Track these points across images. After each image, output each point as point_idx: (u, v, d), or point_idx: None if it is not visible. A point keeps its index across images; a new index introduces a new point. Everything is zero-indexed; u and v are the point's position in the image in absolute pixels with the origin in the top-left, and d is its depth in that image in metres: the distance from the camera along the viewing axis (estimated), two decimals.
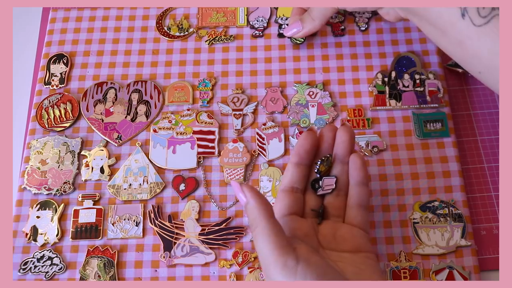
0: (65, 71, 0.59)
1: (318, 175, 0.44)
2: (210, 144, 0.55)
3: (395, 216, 0.51)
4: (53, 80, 0.59)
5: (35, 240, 0.51)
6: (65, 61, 0.60)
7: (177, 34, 0.61)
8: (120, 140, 0.55)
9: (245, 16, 0.61)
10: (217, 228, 0.51)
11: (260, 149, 0.54)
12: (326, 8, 0.53)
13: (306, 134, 0.44)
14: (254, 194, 0.38)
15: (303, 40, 0.59)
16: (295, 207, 0.43)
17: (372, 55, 0.59)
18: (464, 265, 0.49)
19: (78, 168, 0.54)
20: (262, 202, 0.38)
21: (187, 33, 0.61)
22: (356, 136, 0.54)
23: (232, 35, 0.60)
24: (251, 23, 0.61)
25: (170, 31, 0.61)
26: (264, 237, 0.37)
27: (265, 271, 0.37)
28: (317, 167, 0.44)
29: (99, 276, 0.49)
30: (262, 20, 0.61)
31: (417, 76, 0.57)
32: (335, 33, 0.60)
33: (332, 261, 0.39)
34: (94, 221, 0.52)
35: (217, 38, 0.60)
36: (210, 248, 0.50)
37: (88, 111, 0.57)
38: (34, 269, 0.50)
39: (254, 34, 0.60)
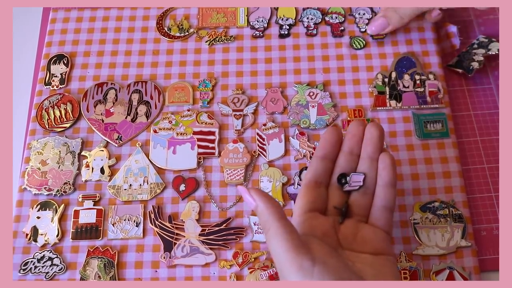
0: (66, 72, 0.59)
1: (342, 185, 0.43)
2: (211, 145, 0.55)
3: (396, 217, 0.51)
4: (53, 80, 0.59)
5: (35, 240, 0.51)
6: (65, 62, 0.60)
7: (178, 34, 0.61)
8: (120, 141, 0.55)
9: (246, 17, 0.61)
10: (217, 228, 0.51)
11: (261, 150, 0.54)
12: (418, 8, 0.55)
13: (331, 128, 0.45)
14: (262, 197, 0.38)
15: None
16: (318, 204, 0.42)
17: (372, 55, 0.59)
18: (465, 265, 0.49)
19: (79, 169, 0.54)
20: (272, 204, 0.38)
21: (187, 33, 0.61)
22: None
23: (232, 36, 0.60)
24: (251, 23, 0.61)
25: (170, 32, 0.61)
26: (278, 239, 0.36)
27: (281, 273, 0.36)
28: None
29: (99, 276, 0.49)
30: (262, 21, 0.61)
31: (417, 77, 0.57)
32: (334, 34, 0.60)
33: (351, 261, 0.39)
34: (95, 221, 0.52)
35: (217, 39, 0.60)
36: (210, 248, 0.50)
37: (88, 112, 0.57)
38: (34, 269, 0.50)
39: (254, 34, 0.60)
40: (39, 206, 0.52)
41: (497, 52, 0.58)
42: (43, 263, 0.50)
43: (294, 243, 0.36)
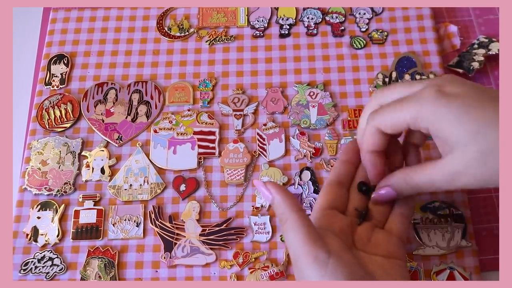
0: (66, 72, 0.59)
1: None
2: (211, 145, 0.55)
3: None
4: (53, 80, 0.59)
5: (35, 240, 0.51)
6: (65, 62, 0.60)
7: (178, 34, 0.61)
8: (120, 141, 0.55)
9: (246, 16, 0.61)
10: (217, 228, 0.51)
11: (261, 150, 0.54)
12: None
13: (353, 141, 0.45)
14: (278, 190, 0.38)
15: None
16: (338, 202, 0.43)
17: (372, 55, 0.59)
18: (465, 265, 0.49)
19: (79, 169, 0.54)
20: (288, 196, 0.38)
21: (187, 33, 0.61)
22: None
23: (232, 36, 0.60)
24: (251, 23, 0.61)
25: (170, 32, 0.61)
26: (295, 231, 0.36)
27: (296, 265, 0.36)
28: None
29: (99, 276, 0.49)
30: (262, 20, 0.61)
31: (417, 77, 0.57)
32: (335, 34, 0.60)
33: (363, 262, 0.39)
34: (95, 221, 0.52)
35: (217, 39, 0.60)
36: (211, 248, 0.50)
37: (88, 112, 0.57)
38: (34, 269, 0.50)
39: (254, 34, 0.60)
40: (39, 206, 0.52)
41: (497, 52, 0.58)
42: (43, 263, 0.50)
43: (310, 235, 0.36)
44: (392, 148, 0.43)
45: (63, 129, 0.56)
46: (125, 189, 0.53)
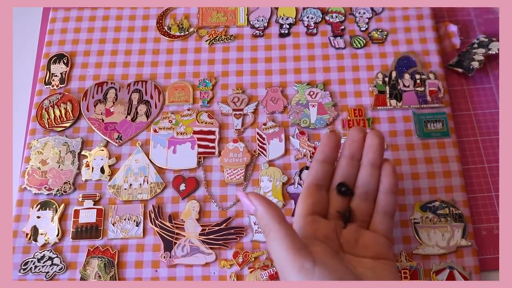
0: (66, 71, 0.59)
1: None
2: (211, 144, 0.55)
3: (396, 216, 0.51)
4: (53, 80, 0.59)
5: (35, 240, 0.51)
6: (65, 61, 0.60)
7: (178, 34, 0.61)
8: (120, 140, 0.55)
9: (246, 16, 0.61)
10: (217, 228, 0.51)
11: (261, 149, 0.54)
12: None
13: (329, 134, 0.45)
14: (261, 201, 0.38)
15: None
16: (319, 207, 0.43)
17: (372, 54, 0.59)
18: (465, 265, 0.49)
19: (79, 168, 0.54)
20: (271, 207, 0.38)
21: (187, 33, 0.61)
22: None
23: (232, 35, 0.60)
24: (251, 22, 0.61)
25: (170, 31, 0.61)
26: (278, 241, 0.36)
27: (282, 275, 0.36)
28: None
29: (99, 276, 0.49)
30: (262, 20, 0.61)
31: (417, 76, 0.57)
32: (335, 33, 0.60)
33: (352, 265, 0.39)
34: (95, 221, 0.52)
35: (217, 38, 0.60)
36: (211, 248, 0.50)
37: (88, 111, 0.57)
38: (34, 269, 0.50)
39: (254, 33, 0.60)
40: (39, 206, 0.52)
41: (497, 52, 0.58)
42: (43, 263, 0.50)
43: (294, 245, 0.36)
44: None
45: (63, 128, 0.56)
46: (125, 189, 0.53)
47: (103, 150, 0.55)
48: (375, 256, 0.40)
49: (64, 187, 0.53)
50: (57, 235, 0.51)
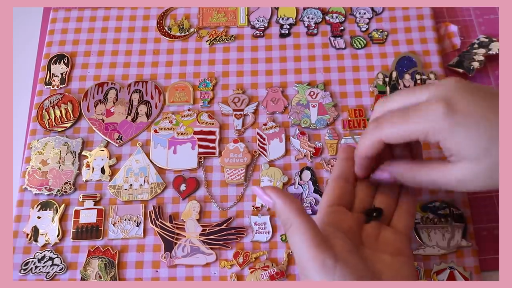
0: (66, 71, 0.59)
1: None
2: (211, 145, 0.55)
3: None
4: (53, 80, 0.59)
5: (36, 240, 0.51)
6: (65, 62, 0.60)
7: (178, 34, 0.61)
8: (120, 141, 0.55)
9: (246, 16, 0.61)
10: (218, 228, 0.51)
11: (261, 149, 0.54)
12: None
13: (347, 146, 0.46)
14: (279, 194, 0.37)
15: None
16: (344, 199, 0.43)
17: (373, 55, 0.59)
18: (465, 265, 0.49)
19: (79, 169, 0.54)
20: (290, 200, 0.37)
21: (187, 33, 0.61)
22: (356, 137, 0.54)
23: (233, 35, 0.60)
24: (251, 23, 0.61)
25: (170, 31, 0.61)
26: (300, 235, 0.36)
27: (302, 270, 0.36)
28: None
29: (100, 276, 0.49)
30: (263, 20, 0.61)
31: (418, 76, 0.57)
32: (334, 33, 0.60)
33: (371, 261, 0.38)
34: (95, 221, 0.52)
35: (217, 38, 0.60)
36: (211, 248, 0.50)
37: (88, 112, 0.57)
38: (35, 269, 0.50)
39: (255, 34, 0.60)
40: (39, 206, 0.52)
41: (497, 52, 0.58)
42: (43, 263, 0.50)
43: (316, 239, 0.35)
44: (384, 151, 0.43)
45: (63, 129, 0.56)
46: (125, 189, 0.53)
47: (103, 150, 0.55)
48: (394, 252, 0.40)
49: (65, 188, 0.53)
50: (58, 236, 0.51)
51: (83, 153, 0.55)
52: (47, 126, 0.56)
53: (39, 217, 0.52)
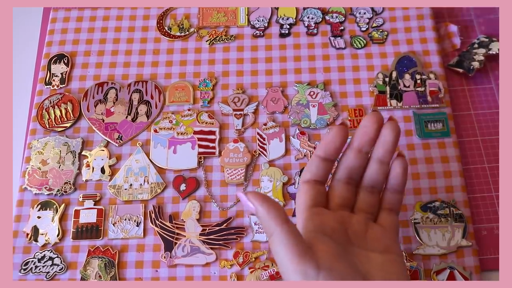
0: (66, 71, 0.59)
1: None
2: (211, 144, 0.55)
3: None
4: (53, 80, 0.59)
5: (36, 240, 0.51)
6: (65, 61, 0.60)
7: (178, 34, 0.61)
8: (120, 140, 0.55)
9: (246, 16, 0.61)
10: (218, 228, 0.51)
11: (261, 149, 0.54)
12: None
13: (338, 129, 0.41)
14: (262, 201, 0.36)
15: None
16: (320, 199, 0.41)
17: (373, 55, 0.59)
18: (465, 265, 0.49)
19: (79, 168, 0.54)
20: (273, 208, 0.36)
21: (187, 33, 0.61)
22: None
23: (232, 35, 0.60)
24: (251, 23, 0.61)
25: (170, 31, 0.61)
26: (281, 244, 0.35)
27: (285, 279, 0.35)
28: None
29: (100, 276, 0.49)
30: (263, 20, 0.61)
31: (418, 76, 0.57)
32: (334, 33, 0.60)
33: (359, 261, 0.38)
34: (95, 221, 0.52)
35: (217, 38, 0.60)
36: (211, 248, 0.50)
37: (88, 111, 0.57)
38: (35, 269, 0.50)
39: (254, 34, 0.60)
40: (39, 206, 0.52)
41: (497, 52, 0.58)
42: (43, 263, 0.50)
43: (298, 248, 0.35)
44: None
45: (63, 128, 0.56)
46: (125, 189, 0.53)
47: (103, 150, 0.55)
48: (383, 250, 0.39)
49: (65, 187, 0.53)
50: (58, 235, 0.51)
51: (83, 153, 0.55)
52: (47, 126, 0.56)
53: (39, 217, 0.52)
